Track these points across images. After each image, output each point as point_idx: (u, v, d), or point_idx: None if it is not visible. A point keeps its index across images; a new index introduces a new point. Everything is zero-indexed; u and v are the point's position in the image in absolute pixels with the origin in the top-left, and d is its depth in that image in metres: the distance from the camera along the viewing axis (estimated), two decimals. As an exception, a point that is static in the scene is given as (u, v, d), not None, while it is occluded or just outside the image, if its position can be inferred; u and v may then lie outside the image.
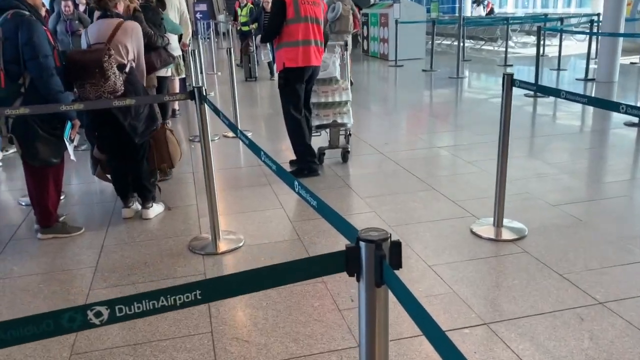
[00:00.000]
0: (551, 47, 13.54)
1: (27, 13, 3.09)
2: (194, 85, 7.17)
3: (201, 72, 8.20)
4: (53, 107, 2.98)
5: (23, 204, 4.22)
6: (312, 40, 4.42)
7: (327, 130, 5.04)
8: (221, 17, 25.09)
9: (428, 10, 14.80)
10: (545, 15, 16.62)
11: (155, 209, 3.93)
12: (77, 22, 7.16)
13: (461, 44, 10.60)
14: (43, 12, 3.35)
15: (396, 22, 12.25)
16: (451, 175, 4.57)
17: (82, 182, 4.79)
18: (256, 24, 10.63)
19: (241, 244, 3.36)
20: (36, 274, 3.09)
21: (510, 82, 3.12)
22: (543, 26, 9.75)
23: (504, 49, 14.54)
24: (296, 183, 1.81)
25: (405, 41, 12.56)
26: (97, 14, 3.69)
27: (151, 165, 4.04)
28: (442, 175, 4.56)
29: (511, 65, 11.49)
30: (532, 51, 14.36)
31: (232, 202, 4.16)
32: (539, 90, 3.07)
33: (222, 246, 3.33)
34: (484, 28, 15.47)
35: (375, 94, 9.33)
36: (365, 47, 14.77)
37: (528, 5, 24.77)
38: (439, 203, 3.93)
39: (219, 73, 12.31)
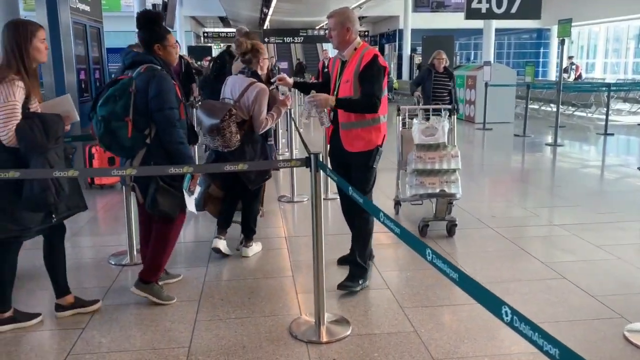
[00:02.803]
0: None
1: (159, 68, 3.11)
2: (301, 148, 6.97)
3: (287, 129, 8.07)
4: (161, 169, 2.78)
5: (113, 263, 4.02)
6: None
7: (432, 200, 4.62)
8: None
9: (519, 74, 14.32)
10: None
11: (254, 248, 4.18)
12: None
13: (557, 110, 9.98)
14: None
15: (486, 84, 11.84)
16: (581, 261, 3.97)
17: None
18: None
19: (348, 333, 2.94)
20: (126, 351, 2.78)
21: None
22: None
23: (597, 116, 13.79)
24: (428, 251, 1.49)
25: (494, 104, 12.08)
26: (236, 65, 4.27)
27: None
28: (570, 261, 3.97)
29: (612, 134, 10.69)
30: (631, 119, 13.50)
31: (330, 277, 3.74)
32: None
33: (327, 334, 2.91)
34: (576, 94, 14.72)
35: (470, 158, 8.81)
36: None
37: (618, 71, 23.74)
38: (575, 297, 3.35)
39: (301, 129, 12.24)
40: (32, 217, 2.85)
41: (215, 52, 25.40)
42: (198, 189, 3.33)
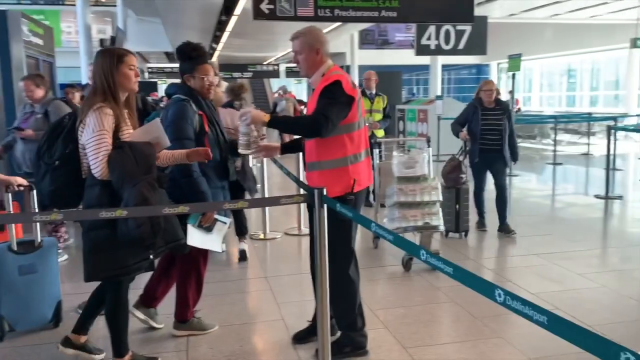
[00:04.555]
0: (593, 146, 13.32)
1: (182, 98, 3.09)
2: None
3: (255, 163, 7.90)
4: (154, 209, 2.53)
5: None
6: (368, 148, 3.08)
7: (415, 232, 4.55)
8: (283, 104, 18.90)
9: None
10: (589, 114, 16.88)
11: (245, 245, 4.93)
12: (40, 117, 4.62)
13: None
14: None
15: (438, 118, 12.13)
16: (566, 290, 3.99)
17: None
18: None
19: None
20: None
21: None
22: (614, 125, 9.46)
23: (542, 147, 14.41)
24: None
25: (444, 137, 12.37)
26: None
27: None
28: (557, 291, 3.97)
29: (561, 164, 11.13)
30: (576, 149, 14.15)
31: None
32: None
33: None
34: (521, 125, 15.37)
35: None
36: (402, 142, 14.66)
37: (554, 104, 25.06)
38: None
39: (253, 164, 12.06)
40: (129, 253, 2.57)
41: (160, 87, 25.03)
42: (221, 226, 3.10)
